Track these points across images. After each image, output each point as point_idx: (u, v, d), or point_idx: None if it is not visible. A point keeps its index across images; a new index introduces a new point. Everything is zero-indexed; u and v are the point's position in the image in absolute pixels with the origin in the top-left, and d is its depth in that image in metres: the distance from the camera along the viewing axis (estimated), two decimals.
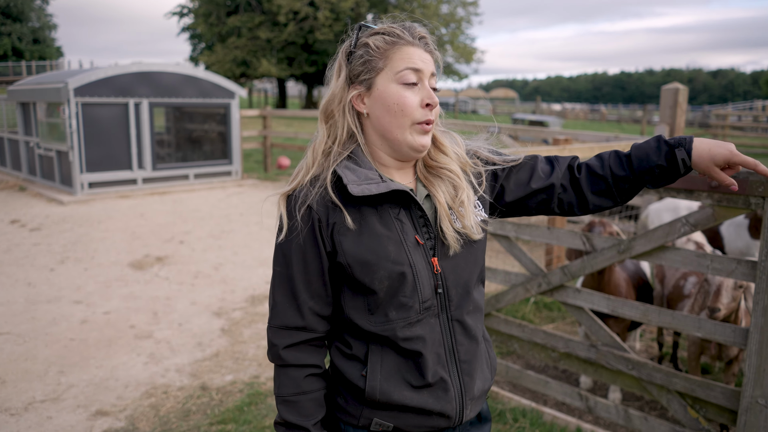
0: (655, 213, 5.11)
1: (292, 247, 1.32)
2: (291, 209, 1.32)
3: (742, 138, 22.29)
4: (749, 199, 2.41)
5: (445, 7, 34.80)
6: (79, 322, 4.74)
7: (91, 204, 9.42)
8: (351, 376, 1.36)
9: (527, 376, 3.37)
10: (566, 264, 3.08)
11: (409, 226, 1.33)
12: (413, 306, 1.31)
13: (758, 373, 2.42)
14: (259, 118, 14.76)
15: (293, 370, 1.36)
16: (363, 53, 1.34)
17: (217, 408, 3.52)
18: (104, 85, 9.96)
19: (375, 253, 1.29)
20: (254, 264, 6.40)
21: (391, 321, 1.31)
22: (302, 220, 1.30)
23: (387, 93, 1.32)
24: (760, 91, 40.69)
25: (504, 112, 46.13)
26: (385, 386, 1.33)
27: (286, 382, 1.36)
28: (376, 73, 1.32)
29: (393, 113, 1.31)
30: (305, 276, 1.33)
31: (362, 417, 1.36)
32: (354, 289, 1.34)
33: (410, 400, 1.33)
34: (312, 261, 1.33)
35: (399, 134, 1.32)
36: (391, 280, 1.29)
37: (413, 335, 1.32)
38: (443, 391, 1.35)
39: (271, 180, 12.25)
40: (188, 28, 36.10)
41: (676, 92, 5.97)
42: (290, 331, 1.35)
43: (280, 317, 1.36)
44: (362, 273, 1.29)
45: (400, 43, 1.33)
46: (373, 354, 1.34)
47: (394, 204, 1.33)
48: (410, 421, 1.36)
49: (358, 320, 1.34)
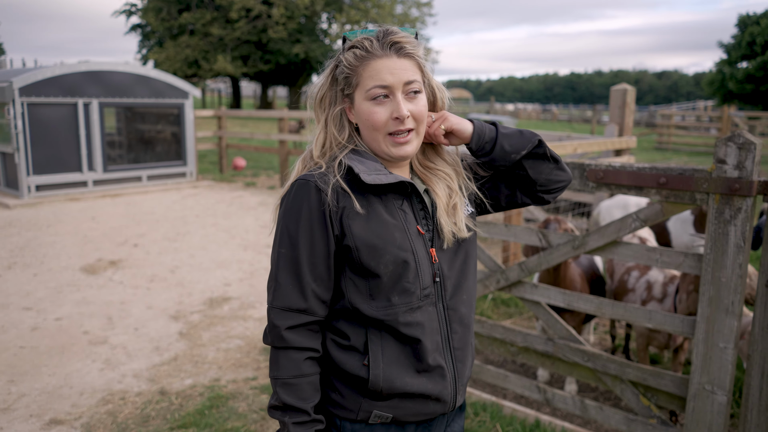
0: (606, 210, 5.27)
1: (301, 229, 1.35)
2: (301, 192, 1.35)
3: (686, 137, 23.13)
4: (695, 195, 2.52)
5: (400, 8, 34.96)
6: (29, 329, 4.59)
7: (39, 207, 9.12)
8: (351, 368, 1.38)
9: (487, 371, 3.44)
10: (523, 260, 3.16)
11: (412, 216, 1.41)
12: (415, 292, 1.37)
13: (705, 361, 2.54)
14: (214, 118, 14.57)
15: (294, 352, 1.37)
16: (341, 70, 1.41)
17: (177, 412, 3.47)
18: (51, 84, 9.65)
19: (382, 238, 1.34)
20: (212, 266, 6.31)
21: (394, 306, 1.36)
22: (313, 203, 1.34)
23: (361, 110, 1.39)
24: (702, 92, 42.27)
25: (459, 112, 46.18)
26: (387, 373, 1.36)
27: (286, 364, 1.37)
28: (353, 89, 1.40)
29: (367, 128, 1.39)
30: (311, 258, 1.36)
31: (361, 411, 1.39)
32: (357, 273, 1.37)
33: (411, 387, 1.38)
34: (319, 243, 1.35)
35: (376, 146, 1.40)
36: (396, 266, 1.35)
37: (414, 321, 1.37)
38: (440, 377, 1.41)
39: (227, 181, 12.08)
40: (138, 26, 35.23)
41: (624, 93, 6.17)
42: (292, 313, 1.36)
43: (284, 299, 1.37)
44: (369, 256, 1.34)
45: (368, 59, 1.36)
46: (372, 343, 1.37)
47: (398, 195, 1.40)
48: (409, 409, 1.40)
49: (360, 305, 1.37)
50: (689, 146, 21.26)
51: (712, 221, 2.47)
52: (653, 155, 19.16)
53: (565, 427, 3.24)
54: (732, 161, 2.39)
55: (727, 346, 2.47)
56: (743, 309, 2.63)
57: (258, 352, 4.29)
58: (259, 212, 9.10)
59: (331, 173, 1.35)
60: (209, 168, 13.72)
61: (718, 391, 2.52)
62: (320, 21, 34.44)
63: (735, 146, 2.37)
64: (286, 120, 12.15)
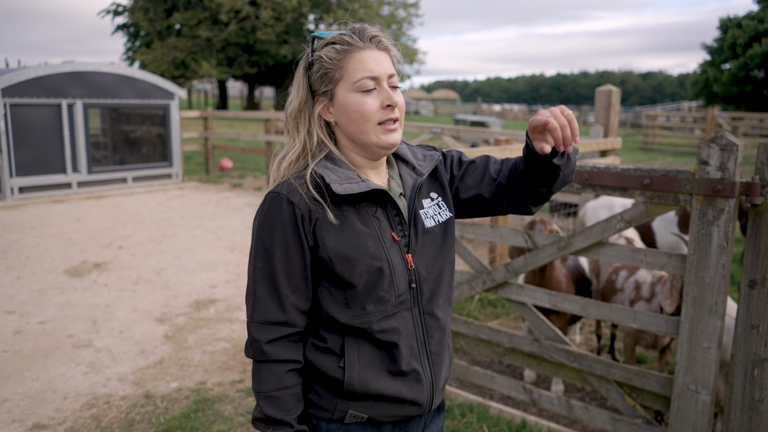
0: (592, 210, 5.30)
1: (276, 243, 1.34)
2: (273, 205, 1.35)
3: (671, 137, 23.33)
4: (678, 196, 2.55)
5: (386, 9, 34.98)
6: (11, 333, 4.53)
7: (23, 209, 9.01)
8: (327, 369, 1.38)
9: (474, 372, 3.45)
10: (509, 261, 3.17)
11: (386, 223, 1.40)
12: (390, 300, 1.38)
13: (689, 361, 2.56)
14: (200, 119, 14.47)
15: (275, 365, 1.37)
16: (319, 67, 1.38)
17: (162, 416, 3.45)
18: (35, 85, 9.54)
19: (355, 248, 1.34)
20: (198, 268, 6.27)
21: (369, 314, 1.36)
22: (286, 216, 1.33)
23: (347, 103, 1.37)
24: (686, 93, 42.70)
25: (446, 113, 46.79)
26: (362, 375, 1.37)
27: (267, 377, 1.37)
28: (335, 84, 1.37)
29: (355, 121, 1.37)
30: (288, 271, 1.35)
31: (336, 410, 1.40)
32: (333, 283, 1.37)
33: (386, 389, 1.38)
34: (295, 256, 1.35)
35: (365, 138, 1.38)
36: (370, 275, 1.35)
37: (389, 327, 1.38)
38: (416, 381, 1.41)
39: (213, 182, 12.02)
40: (125, 26, 34.93)
41: (609, 94, 6.21)
42: (272, 326, 1.36)
43: (263, 312, 1.36)
44: (342, 267, 1.34)
45: (352, 51, 1.36)
46: (349, 346, 1.38)
47: (372, 202, 1.39)
48: (384, 410, 1.40)
49: (336, 314, 1.37)
50: (674, 147, 21.46)
51: (695, 222, 2.49)
52: (638, 156, 19.32)
53: (551, 427, 3.25)
54: (715, 162, 2.41)
55: (711, 345, 2.49)
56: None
57: (244, 355, 4.26)
58: (245, 213, 9.06)
59: (303, 184, 1.35)
60: (195, 169, 13.64)
61: (702, 390, 2.54)
62: (307, 22, 34.37)
63: (718, 148, 2.40)
64: (272, 121, 12.11)
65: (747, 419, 2.50)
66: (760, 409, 2.46)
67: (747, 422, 2.50)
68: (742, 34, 30.29)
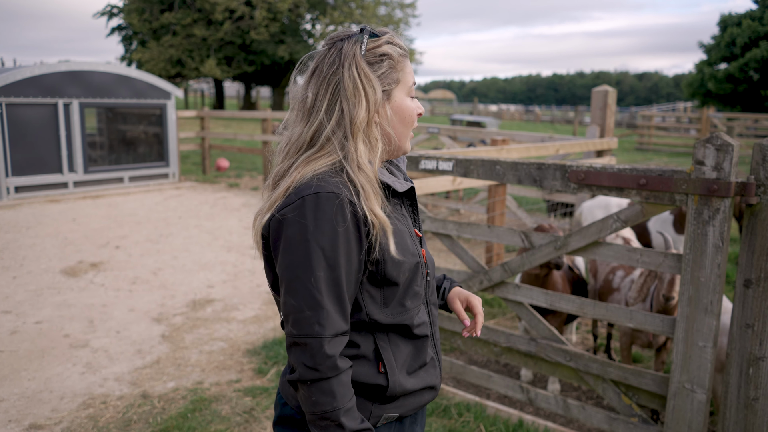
0: (588, 210, 5.32)
1: (340, 247, 1.25)
2: (331, 207, 1.24)
3: (667, 138, 23.41)
4: (674, 196, 2.56)
5: (383, 9, 34.99)
6: (8, 333, 4.52)
7: (19, 209, 8.99)
8: (365, 377, 1.34)
9: (470, 371, 3.46)
10: (506, 261, 3.18)
11: (410, 220, 1.45)
12: (421, 293, 1.42)
13: (685, 360, 2.57)
14: (197, 119, 14.47)
15: (345, 374, 1.28)
16: (388, 64, 1.36)
17: (159, 416, 3.44)
18: (31, 84, 9.52)
19: (402, 246, 1.34)
20: (195, 268, 6.27)
21: (408, 310, 1.38)
22: (349, 218, 1.25)
23: (404, 105, 1.39)
24: (682, 93, 42.80)
25: (443, 113, 46.80)
26: (401, 377, 1.38)
27: (342, 390, 1.27)
28: (395, 84, 1.37)
29: (406, 124, 1.41)
30: (349, 276, 1.28)
31: (371, 417, 1.36)
32: (374, 284, 1.33)
33: (416, 384, 1.41)
34: (356, 260, 1.28)
35: (404, 142, 1.42)
36: (410, 272, 1.36)
37: (421, 321, 1.42)
38: (433, 367, 1.47)
39: (210, 182, 12.01)
40: (120, 27, 34.83)
41: (605, 95, 6.23)
42: (340, 337, 1.27)
43: (334, 325, 1.25)
44: (392, 267, 1.32)
45: (406, 56, 1.41)
46: (383, 349, 1.36)
47: (397, 200, 1.42)
48: (412, 404, 1.43)
49: (376, 315, 1.34)
50: (669, 147, 21.53)
51: (691, 222, 2.50)
52: (634, 156, 19.37)
53: (548, 426, 3.26)
54: (710, 163, 2.42)
55: (707, 345, 2.51)
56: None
57: (241, 355, 4.27)
58: (242, 213, 9.06)
59: (347, 186, 1.28)
60: (192, 169, 13.63)
61: (697, 389, 2.55)
62: (304, 22, 34.34)
63: (713, 148, 2.41)
64: (269, 121, 12.10)
65: (742, 417, 2.52)
66: (755, 408, 2.48)
67: (742, 420, 2.52)
68: (742, 34, 30.32)
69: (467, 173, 3.17)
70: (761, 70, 29.74)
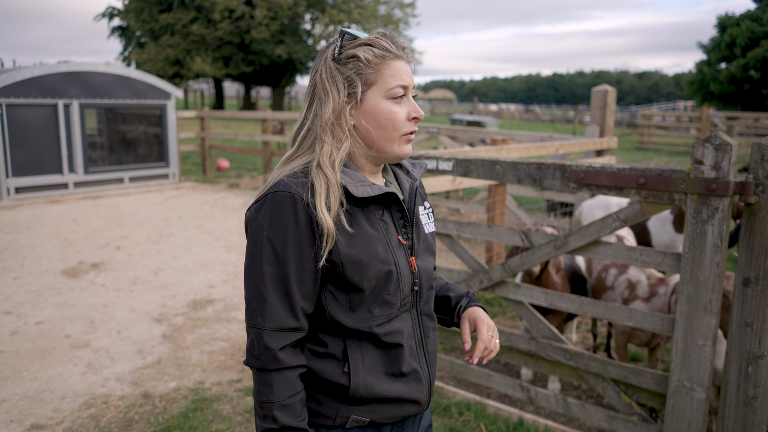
0: (588, 210, 5.33)
1: (289, 245, 1.29)
2: (285, 205, 1.29)
3: (667, 137, 23.41)
4: (673, 195, 2.57)
5: (383, 8, 34.98)
6: (9, 334, 4.53)
7: (19, 210, 9.00)
8: (330, 375, 1.36)
9: (471, 371, 3.47)
10: (506, 260, 3.19)
11: (392, 227, 1.41)
12: (395, 303, 1.38)
13: (684, 358, 2.58)
14: (197, 119, 14.49)
15: (289, 371, 1.33)
16: (353, 66, 1.35)
17: (161, 416, 3.45)
18: (31, 85, 9.53)
19: (366, 252, 1.33)
20: (195, 268, 6.28)
21: (375, 317, 1.36)
22: (301, 217, 1.29)
23: (378, 108, 1.36)
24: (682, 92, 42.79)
25: (442, 112, 46.84)
26: (368, 380, 1.37)
27: (281, 385, 1.32)
28: (367, 87, 1.35)
29: (383, 128, 1.37)
30: (300, 275, 1.31)
31: (338, 416, 1.38)
32: (339, 287, 1.35)
33: (390, 392, 1.39)
34: (307, 259, 1.31)
35: (387, 146, 1.39)
36: (378, 279, 1.34)
37: (393, 330, 1.39)
38: (416, 381, 1.43)
39: (210, 182, 12.02)
40: (120, 28, 34.84)
41: (605, 94, 6.24)
42: (284, 332, 1.32)
43: (275, 319, 1.31)
44: (353, 272, 1.32)
45: (389, 57, 1.36)
46: (351, 350, 1.37)
47: (378, 206, 1.39)
48: (386, 412, 1.41)
49: (340, 318, 1.35)
50: (669, 146, 21.53)
51: (690, 221, 2.51)
52: (634, 155, 19.37)
53: (548, 425, 3.27)
54: (709, 162, 2.43)
55: (706, 343, 2.52)
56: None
57: (242, 354, 4.27)
58: (242, 213, 9.06)
59: (306, 186, 1.31)
60: (192, 169, 13.64)
61: (696, 387, 2.56)
62: (303, 22, 34.34)
63: (712, 147, 2.42)
64: (269, 121, 12.12)
65: (741, 416, 2.52)
66: (755, 406, 2.49)
67: (741, 419, 2.53)
68: (742, 34, 30.30)
69: (467, 173, 3.18)
70: (762, 69, 29.72)
